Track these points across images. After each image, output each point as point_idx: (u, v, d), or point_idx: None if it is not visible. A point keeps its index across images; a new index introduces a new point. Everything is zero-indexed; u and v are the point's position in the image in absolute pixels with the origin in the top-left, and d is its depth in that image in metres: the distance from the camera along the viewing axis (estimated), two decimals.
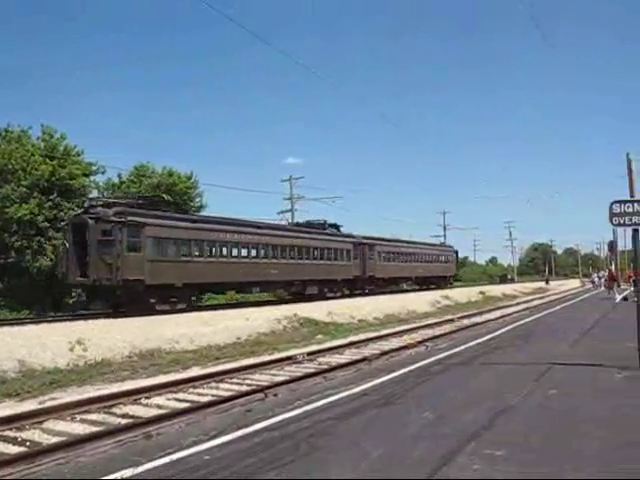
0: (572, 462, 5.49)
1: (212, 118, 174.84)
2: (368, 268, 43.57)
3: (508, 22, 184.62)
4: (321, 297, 36.23)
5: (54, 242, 31.37)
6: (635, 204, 10.55)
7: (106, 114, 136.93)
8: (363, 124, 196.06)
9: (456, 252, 67.23)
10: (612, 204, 10.56)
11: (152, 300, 25.39)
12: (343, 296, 39.25)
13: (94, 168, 36.71)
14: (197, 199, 45.81)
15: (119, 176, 43.12)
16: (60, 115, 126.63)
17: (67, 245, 25.28)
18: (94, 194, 38.06)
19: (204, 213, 43.48)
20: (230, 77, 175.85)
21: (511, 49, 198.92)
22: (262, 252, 32.87)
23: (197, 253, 28.33)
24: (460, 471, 5.30)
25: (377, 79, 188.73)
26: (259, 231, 33.26)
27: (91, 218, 24.29)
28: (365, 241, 44.46)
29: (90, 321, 20.46)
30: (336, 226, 44.03)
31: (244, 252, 31.88)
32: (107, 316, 22.95)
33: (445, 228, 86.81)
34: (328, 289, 38.62)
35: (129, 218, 24.62)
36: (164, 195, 30.87)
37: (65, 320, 21.35)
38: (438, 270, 58.67)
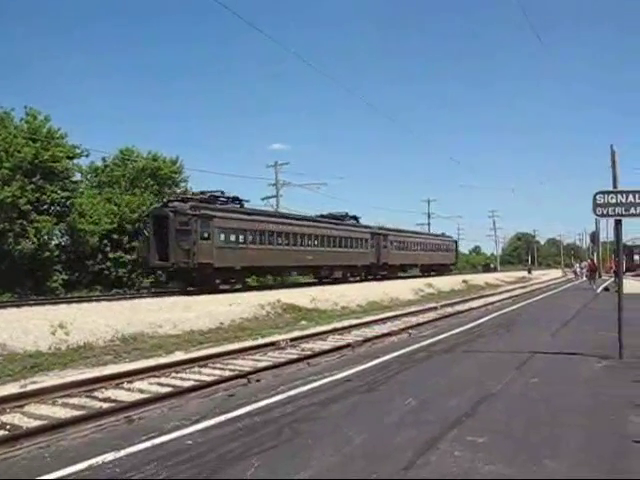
0: (552, 449, 5.54)
1: (199, 104, 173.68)
2: (382, 256, 48.69)
3: (500, 13, 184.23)
4: (344, 281, 41.25)
5: (37, 225, 31.11)
6: (618, 195, 10.60)
7: (93, 99, 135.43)
8: (350, 112, 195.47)
9: (455, 242, 74.83)
10: (596, 195, 10.60)
11: (217, 281, 30.29)
12: (361, 280, 44.16)
13: (78, 151, 36.31)
14: (182, 184, 45.60)
15: (103, 160, 42.78)
16: (46, 99, 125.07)
17: (147, 234, 30.27)
18: (77, 177, 37.84)
19: None
20: (219, 64, 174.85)
21: (504, 40, 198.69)
22: (300, 241, 37.86)
23: (251, 241, 33.08)
24: (442, 457, 5.33)
25: (367, 68, 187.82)
26: (297, 222, 38.58)
27: (171, 211, 28.88)
28: (380, 232, 49.82)
29: (73, 305, 20.40)
30: (355, 217, 48.82)
31: (286, 241, 36.45)
32: (90, 300, 22.90)
33: (429, 216, 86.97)
34: (350, 274, 43.82)
35: (202, 211, 29.21)
36: (223, 190, 34.42)
37: (47, 304, 21.25)
38: (440, 258, 65.12)
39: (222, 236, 30.80)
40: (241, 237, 32.45)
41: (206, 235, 29.22)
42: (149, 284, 34.92)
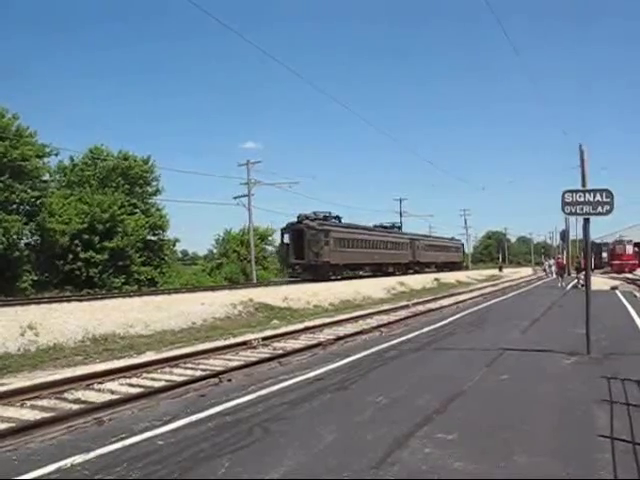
0: (521, 445, 5.61)
1: (171, 103, 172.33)
2: (415, 256, 65.15)
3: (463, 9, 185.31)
4: (390, 274, 54.39)
5: (5, 225, 30.69)
6: (586, 194, 10.74)
7: (61, 98, 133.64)
8: (323, 110, 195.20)
9: (462, 244, 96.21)
10: (564, 193, 10.73)
11: (330, 273, 44.32)
12: (402, 274, 55.75)
13: (48, 150, 35.89)
14: (154, 183, 45.34)
15: (71, 159, 42.34)
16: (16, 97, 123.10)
17: (287, 241, 45.26)
18: (47, 177, 37.42)
19: (160, 197, 43.88)
20: (189, 62, 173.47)
21: (473, 37, 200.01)
22: (372, 245, 53.50)
23: (348, 245, 47.82)
24: (412, 455, 5.37)
25: (339, 67, 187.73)
26: (370, 232, 55.98)
27: (305, 226, 44.06)
28: (414, 238, 67.45)
29: (43, 305, 20.12)
30: (399, 227, 69.35)
31: (366, 245, 51.93)
32: (60, 300, 22.65)
33: (401, 215, 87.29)
34: (396, 269, 57.85)
35: (324, 227, 44.78)
36: (330, 212, 49.79)
37: (16, 304, 20.93)
38: (452, 257, 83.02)
39: (334, 243, 45.22)
40: (343, 243, 47.14)
41: (326, 242, 43.96)
42: (288, 275, 47.02)
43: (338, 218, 50.64)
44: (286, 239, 45.50)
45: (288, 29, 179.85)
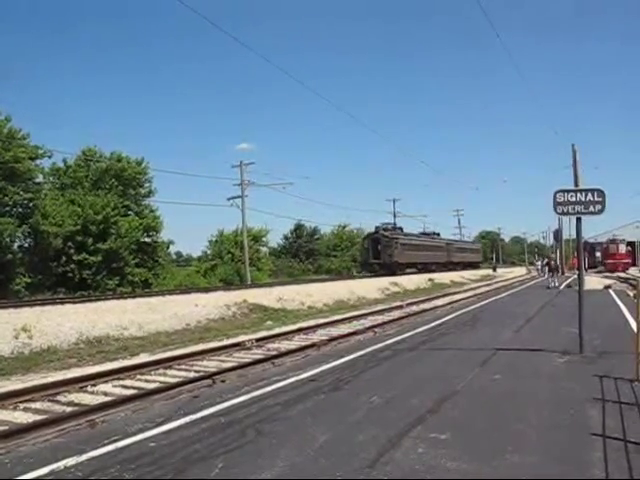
0: (514, 444, 5.63)
1: (163, 103, 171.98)
2: (449, 257, 78.71)
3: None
4: (432, 271, 64.37)
5: None
6: (578, 193, 10.78)
7: (55, 99, 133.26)
8: (316, 111, 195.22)
9: (481, 246, 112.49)
10: (556, 193, 10.77)
11: (397, 270, 56.57)
12: (438, 271, 66.29)
13: (41, 152, 35.76)
14: (147, 184, 45.26)
15: (64, 161, 42.23)
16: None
17: (366, 246, 60.74)
18: (40, 179, 37.31)
19: (154, 199, 43.91)
20: (183, 62, 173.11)
21: (463, 38, 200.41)
22: (423, 248, 68.23)
23: (408, 248, 62.06)
24: (405, 454, 5.38)
25: (330, 66, 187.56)
26: (418, 237, 73.31)
27: (381, 235, 59.37)
28: (448, 242, 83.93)
29: (36, 308, 20.07)
30: (437, 233, 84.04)
31: (417, 248, 65.92)
32: (54, 303, 22.58)
33: (395, 215, 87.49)
34: (437, 268, 69.24)
35: (394, 235, 60.23)
36: (395, 223, 68.22)
37: (10, 307, 20.87)
38: (474, 258, 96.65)
39: (400, 247, 59.46)
40: (405, 247, 61.12)
41: (395, 247, 58.48)
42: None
43: (400, 228, 68.39)
44: (366, 244, 61.78)
45: (281, 29, 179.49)
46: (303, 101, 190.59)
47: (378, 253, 58.56)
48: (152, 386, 11.03)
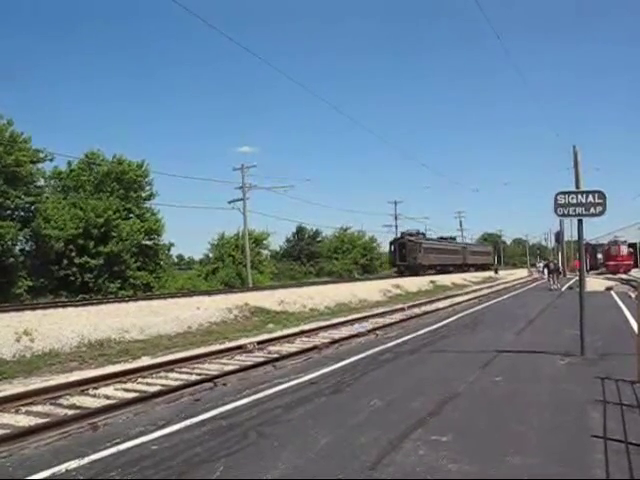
0: (515, 446, 5.63)
1: (165, 106, 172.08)
2: (465, 259, 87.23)
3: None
4: (449, 272, 71.98)
5: (0, 231, 30.60)
6: (579, 195, 10.77)
7: (56, 101, 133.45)
8: (318, 114, 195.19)
9: (493, 249, 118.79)
10: (557, 195, 10.75)
11: (421, 271, 64.09)
12: (455, 272, 74.17)
13: (42, 155, 35.78)
14: (148, 187, 45.29)
15: (68, 164, 42.28)
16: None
17: (393, 250, 69.39)
18: (41, 182, 37.34)
19: (155, 202, 44.02)
20: (184, 64, 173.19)
21: (463, 38, 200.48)
22: (443, 251, 77.17)
23: (430, 252, 70.68)
24: (406, 457, 5.39)
25: (331, 68, 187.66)
26: (440, 242, 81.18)
27: (407, 240, 68.08)
28: (464, 245, 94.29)
29: (38, 311, 20.11)
30: (454, 238, 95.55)
31: (438, 251, 74.78)
32: (55, 306, 22.61)
33: (396, 218, 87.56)
34: (454, 269, 77.54)
35: (419, 240, 69.81)
36: (419, 229, 77.98)
37: (11, 310, 20.90)
38: (486, 260, 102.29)
39: (424, 251, 68.41)
40: (428, 251, 70.21)
41: (419, 250, 67.22)
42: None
43: (423, 234, 77.75)
44: (393, 249, 70.04)
45: (282, 31, 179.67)
46: (304, 104, 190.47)
47: (404, 256, 67.01)
48: (154, 389, 11.04)
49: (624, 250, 69.48)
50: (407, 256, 66.53)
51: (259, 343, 16.54)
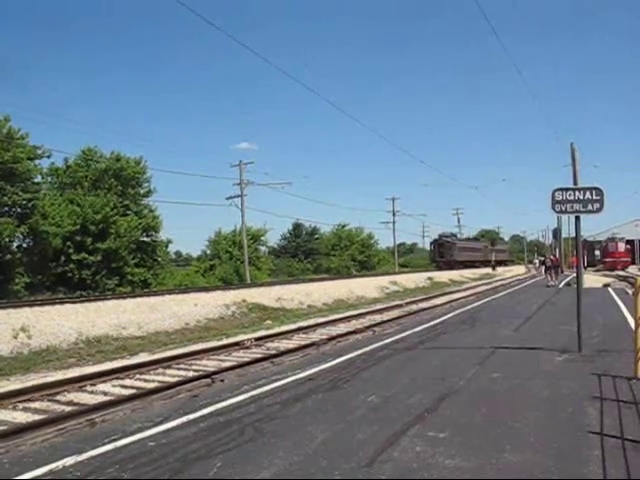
0: (512, 442, 5.63)
1: (163, 102, 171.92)
2: (487, 256, 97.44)
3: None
4: (475, 267, 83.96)
5: None
6: (576, 192, 10.77)
7: (54, 98, 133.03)
8: (316, 111, 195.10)
9: (509, 247, 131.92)
10: (554, 192, 10.75)
11: (456, 267, 77.64)
12: (481, 267, 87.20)
13: (39, 152, 35.70)
14: (145, 184, 45.21)
15: (65, 160, 42.19)
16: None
17: (433, 249, 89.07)
18: (39, 179, 37.27)
19: (153, 198, 44.08)
20: (183, 61, 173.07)
21: (465, 37, 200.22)
22: (471, 250, 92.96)
23: (464, 250, 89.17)
24: (403, 453, 5.39)
25: (331, 68, 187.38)
26: (469, 241, 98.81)
27: (444, 241, 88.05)
28: (485, 244, 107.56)
29: (35, 308, 20.06)
30: (478, 239, 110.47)
31: (469, 250, 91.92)
32: (53, 303, 22.58)
33: (394, 214, 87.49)
34: (479, 265, 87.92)
35: (454, 241, 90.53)
36: (453, 232, 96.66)
37: (9, 307, 20.85)
38: (504, 256, 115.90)
39: (458, 250, 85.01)
40: (461, 249, 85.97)
41: (455, 249, 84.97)
42: (435, 266, 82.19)
43: (455, 235, 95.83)
44: (433, 248, 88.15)
45: (281, 29, 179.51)
46: (303, 101, 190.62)
47: (442, 254, 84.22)
48: (151, 385, 11.06)
49: (622, 247, 69.60)
50: (445, 254, 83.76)
51: (257, 339, 16.57)
